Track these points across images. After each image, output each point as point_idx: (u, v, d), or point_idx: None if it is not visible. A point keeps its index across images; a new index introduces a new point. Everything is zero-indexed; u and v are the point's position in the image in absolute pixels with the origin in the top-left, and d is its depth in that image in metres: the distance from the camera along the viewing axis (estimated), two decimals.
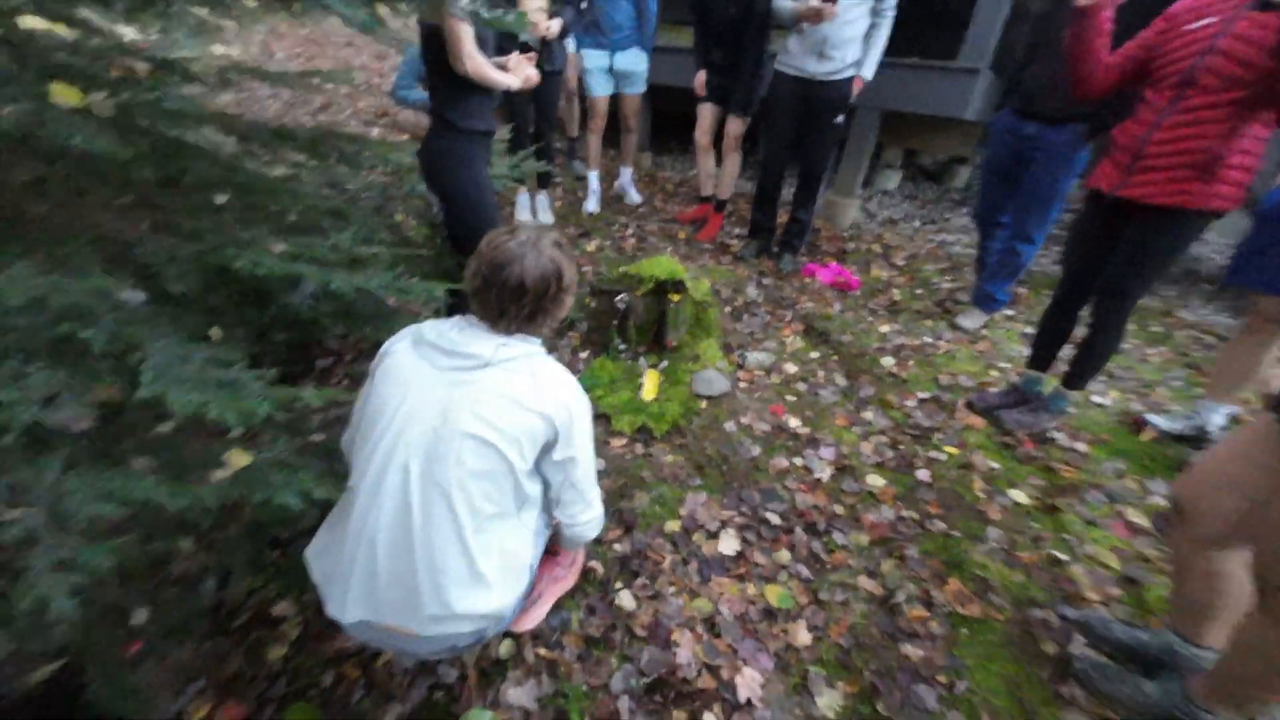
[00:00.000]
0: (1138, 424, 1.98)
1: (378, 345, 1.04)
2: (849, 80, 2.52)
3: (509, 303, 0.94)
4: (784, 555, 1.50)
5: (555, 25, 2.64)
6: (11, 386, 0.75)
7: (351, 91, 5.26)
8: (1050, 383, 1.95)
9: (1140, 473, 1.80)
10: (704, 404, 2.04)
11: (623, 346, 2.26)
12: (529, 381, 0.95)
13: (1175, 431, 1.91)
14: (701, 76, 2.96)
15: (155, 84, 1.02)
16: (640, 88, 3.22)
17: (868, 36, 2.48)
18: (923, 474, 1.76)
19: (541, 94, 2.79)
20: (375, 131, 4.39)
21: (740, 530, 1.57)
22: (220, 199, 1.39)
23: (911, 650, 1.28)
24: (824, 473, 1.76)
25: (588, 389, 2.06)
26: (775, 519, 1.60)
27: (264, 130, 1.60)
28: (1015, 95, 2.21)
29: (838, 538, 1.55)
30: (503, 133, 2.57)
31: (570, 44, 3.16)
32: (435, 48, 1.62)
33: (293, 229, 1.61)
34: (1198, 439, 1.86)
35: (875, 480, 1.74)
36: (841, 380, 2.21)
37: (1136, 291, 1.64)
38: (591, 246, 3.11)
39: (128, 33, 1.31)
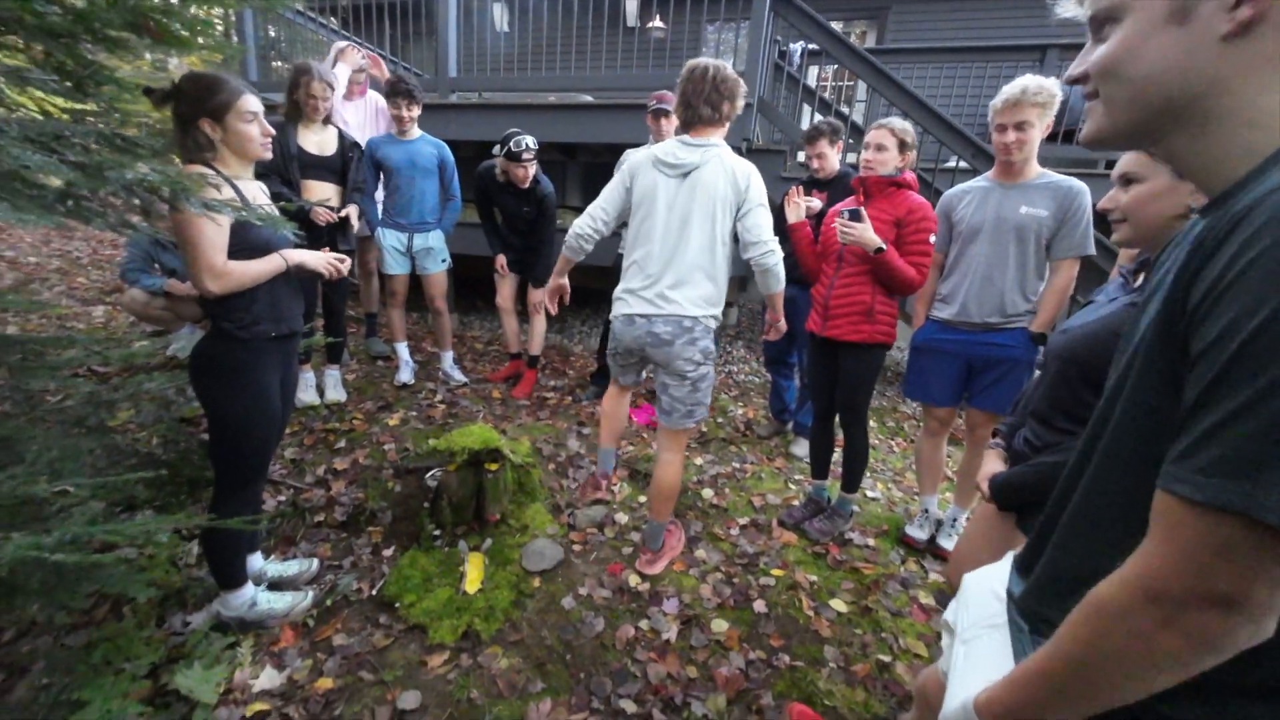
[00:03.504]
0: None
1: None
2: None
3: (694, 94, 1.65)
4: None
5: (353, 213, 2.62)
6: None
7: (64, 266, 4.34)
8: (833, 487, 2.26)
9: (917, 554, 2.11)
10: (537, 581, 1.85)
11: (437, 532, 2.00)
12: (721, 168, 1.66)
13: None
14: (502, 259, 3.18)
15: None
16: (439, 266, 3.21)
17: None
18: (759, 605, 1.80)
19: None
20: (98, 311, 3.60)
21: None
22: None
23: None
24: (671, 631, 1.68)
25: (395, 598, 1.72)
26: (631, 706, 1.44)
27: None
28: None
29: (697, 709, 1.44)
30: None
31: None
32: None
33: None
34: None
35: (720, 625, 1.71)
36: None
37: (861, 403, 2.06)
38: (394, 420, 2.81)
39: None
